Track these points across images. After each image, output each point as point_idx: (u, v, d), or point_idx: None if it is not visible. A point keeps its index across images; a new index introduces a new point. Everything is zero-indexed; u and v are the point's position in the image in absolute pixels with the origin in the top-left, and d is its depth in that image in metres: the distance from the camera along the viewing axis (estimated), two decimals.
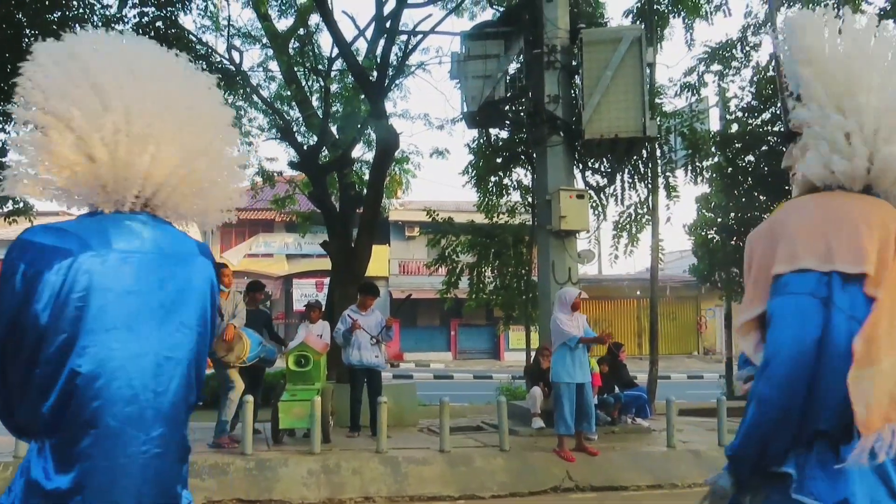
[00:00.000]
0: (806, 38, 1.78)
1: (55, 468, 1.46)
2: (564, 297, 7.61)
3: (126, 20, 10.04)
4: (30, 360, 1.45)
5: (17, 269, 1.45)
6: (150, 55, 1.69)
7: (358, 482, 6.46)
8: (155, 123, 1.60)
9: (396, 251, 29.23)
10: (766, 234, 1.79)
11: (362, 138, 11.64)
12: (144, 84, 1.62)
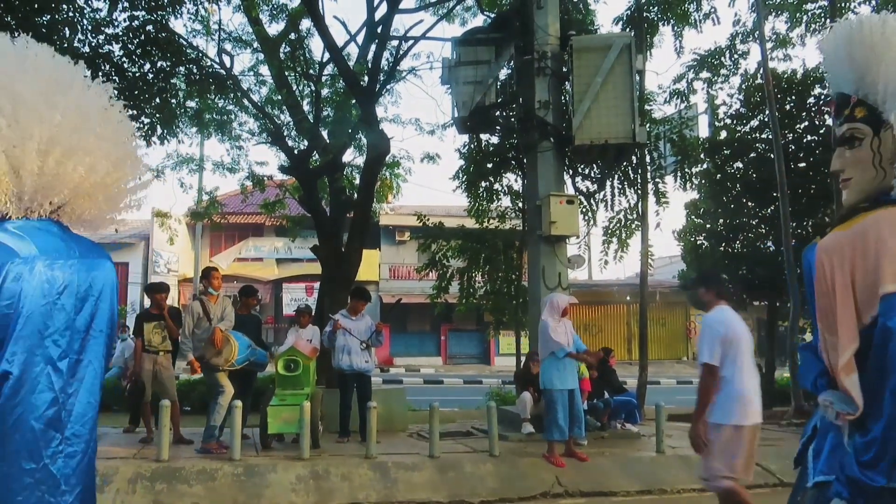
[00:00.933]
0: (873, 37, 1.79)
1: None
2: (556, 303, 7.60)
3: (116, 24, 10.00)
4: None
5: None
6: (58, 65, 1.73)
7: (347, 488, 6.44)
8: (76, 135, 1.65)
9: (387, 256, 29.22)
10: (858, 253, 1.78)
11: (353, 143, 11.64)
12: (62, 95, 1.67)
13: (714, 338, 4.51)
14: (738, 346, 4.50)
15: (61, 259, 1.61)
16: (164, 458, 6.55)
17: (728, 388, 4.44)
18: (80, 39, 9.73)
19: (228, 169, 12.71)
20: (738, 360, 4.49)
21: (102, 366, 1.68)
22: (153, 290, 8.36)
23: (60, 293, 1.59)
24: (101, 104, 1.76)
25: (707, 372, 4.48)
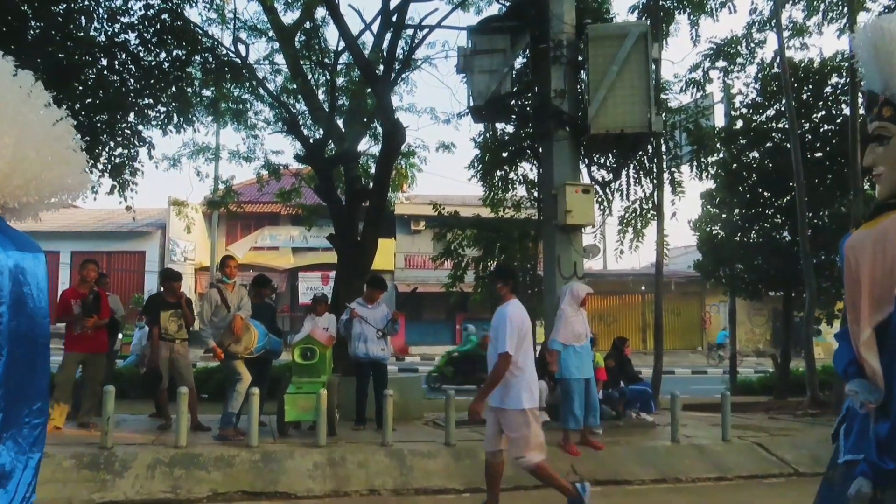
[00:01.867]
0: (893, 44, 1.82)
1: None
2: (576, 292, 7.59)
3: (131, 12, 10.05)
4: None
5: None
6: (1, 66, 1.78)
7: (363, 475, 6.49)
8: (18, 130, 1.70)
9: (402, 245, 29.27)
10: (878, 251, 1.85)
11: (368, 132, 11.65)
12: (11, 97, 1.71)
13: (514, 330, 5.01)
14: (527, 337, 5.14)
15: (23, 251, 1.71)
16: (182, 445, 6.63)
17: (523, 377, 5.05)
18: (96, 28, 9.81)
19: (244, 158, 12.76)
20: (528, 351, 5.15)
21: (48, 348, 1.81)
22: (169, 277, 8.42)
23: (28, 283, 1.71)
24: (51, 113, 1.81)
25: (504, 360, 4.98)
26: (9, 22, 8.56)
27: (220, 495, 6.02)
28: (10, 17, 8.57)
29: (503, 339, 5.02)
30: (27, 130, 1.75)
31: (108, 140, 10.21)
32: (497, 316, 5.28)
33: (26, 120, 1.76)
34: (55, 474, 5.96)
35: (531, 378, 5.18)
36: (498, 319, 5.24)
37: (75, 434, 7.29)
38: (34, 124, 1.78)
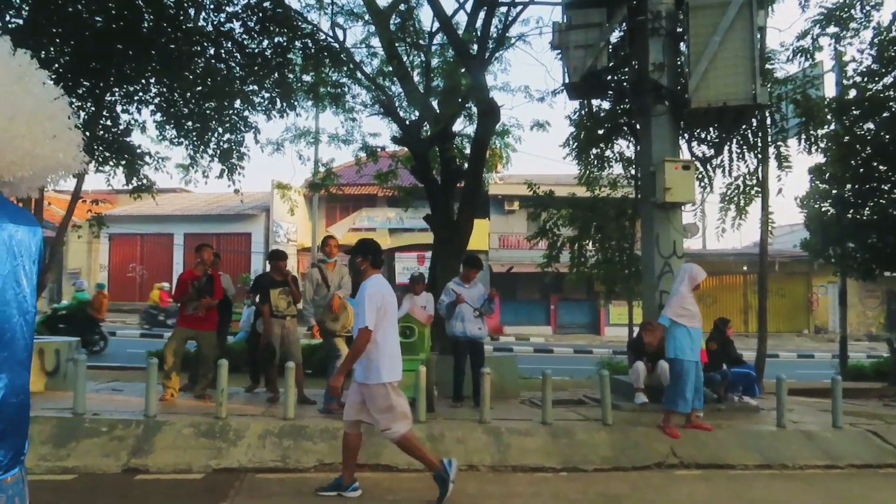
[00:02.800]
0: None
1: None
2: (695, 274, 7.38)
3: (235, 2, 10.45)
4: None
5: None
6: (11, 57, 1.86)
7: (462, 451, 6.61)
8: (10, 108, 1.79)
9: (496, 225, 29.30)
10: None
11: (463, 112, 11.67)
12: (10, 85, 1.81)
13: (373, 305, 5.08)
14: (388, 311, 5.21)
15: (17, 224, 1.83)
16: (290, 417, 6.95)
17: (383, 350, 5.13)
18: (204, 18, 10.27)
19: (343, 141, 13.07)
20: (388, 325, 5.22)
21: (35, 317, 1.94)
22: (277, 257, 8.79)
23: (22, 255, 1.83)
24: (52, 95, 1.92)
25: (363, 335, 5.04)
26: (125, 16, 9.10)
27: (326, 465, 6.29)
28: (125, 11, 9.11)
29: (362, 315, 5.08)
30: (19, 108, 1.82)
31: (217, 126, 10.74)
32: (359, 291, 5.33)
33: (18, 98, 1.83)
34: (176, 441, 6.42)
35: (391, 352, 5.24)
36: (358, 295, 5.29)
37: (192, 405, 7.79)
38: (26, 102, 1.85)
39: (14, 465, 1.85)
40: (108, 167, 10.77)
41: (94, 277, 30.51)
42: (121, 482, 5.65)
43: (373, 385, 5.17)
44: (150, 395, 6.82)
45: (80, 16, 8.96)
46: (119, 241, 29.75)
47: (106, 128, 10.50)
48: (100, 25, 9.15)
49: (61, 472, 5.84)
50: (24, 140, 1.82)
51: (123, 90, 10.31)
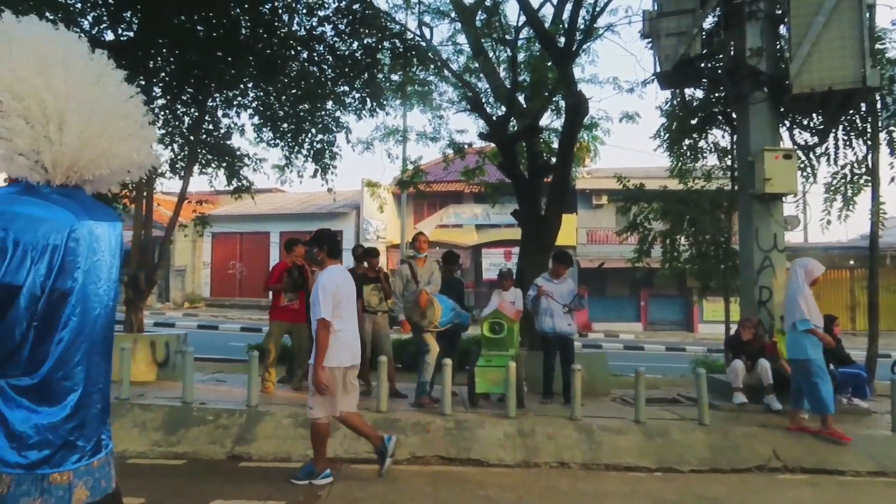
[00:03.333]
0: None
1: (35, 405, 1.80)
2: (811, 269, 7.03)
3: (327, 6, 10.76)
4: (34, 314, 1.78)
5: (8, 236, 1.73)
6: (74, 45, 1.93)
7: (553, 447, 6.57)
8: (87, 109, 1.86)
9: (584, 220, 28.87)
10: None
11: (550, 106, 11.56)
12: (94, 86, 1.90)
13: (328, 295, 5.21)
14: (344, 300, 5.34)
15: (98, 220, 1.92)
16: (382, 410, 7.12)
17: (337, 337, 5.27)
18: (298, 23, 10.63)
19: (431, 138, 13.21)
20: (345, 314, 5.35)
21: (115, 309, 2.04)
22: (369, 254, 8.99)
23: (102, 250, 1.92)
24: (127, 93, 2.00)
25: (322, 326, 5.21)
26: (224, 25, 9.54)
27: (419, 458, 6.40)
28: (224, 20, 9.54)
29: (318, 306, 5.22)
30: (96, 109, 1.89)
31: (310, 127, 11.10)
32: (315, 282, 5.48)
33: (95, 99, 1.90)
34: (276, 431, 6.69)
35: (345, 340, 5.39)
36: (315, 286, 5.43)
37: (290, 397, 8.09)
38: (103, 103, 1.92)
39: (99, 450, 1.94)
40: (210, 169, 11.33)
41: (198, 274, 32.14)
42: (226, 468, 5.94)
43: (326, 367, 5.30)
44: (252, 387, 7.13)
45: (184, 27, 9.46)
46: (220, 240, 31.18)
47: (208, 132, 11.05)
48: (202, 35, 9.63)
49: (173, 457, 6.21)
50: (100, 139, 1.90)
51: (224, 95, 10.82)
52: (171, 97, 10.50)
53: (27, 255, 1.72)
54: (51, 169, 1.84)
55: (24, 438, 1.75)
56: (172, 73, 9.91)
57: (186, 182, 10.51)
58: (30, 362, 1.76)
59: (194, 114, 10.70)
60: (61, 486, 1.81)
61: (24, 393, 1.76)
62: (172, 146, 11.05)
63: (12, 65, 1.78)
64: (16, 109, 1.79)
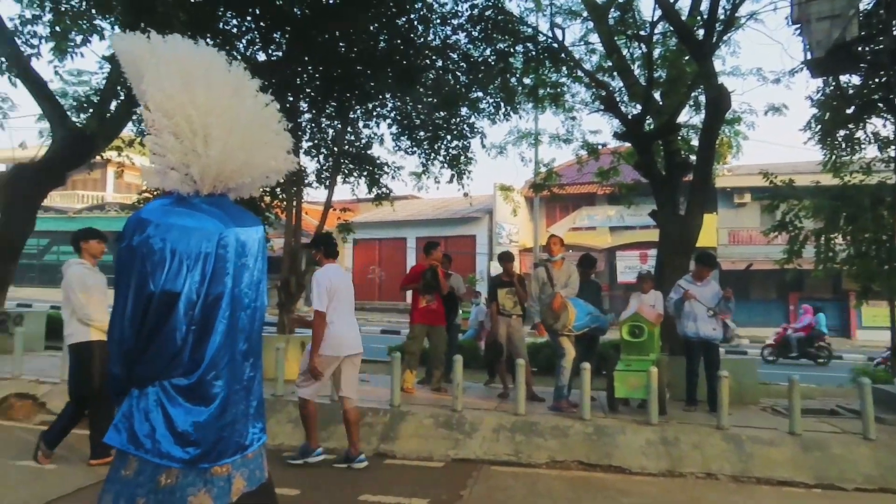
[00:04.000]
0: None
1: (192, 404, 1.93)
2: None
3: (460, 14, 10.97)
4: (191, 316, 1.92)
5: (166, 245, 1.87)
6: (213, 59, 2.04)
7: (699, 457, 6.32)
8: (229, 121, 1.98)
9: (725, 220, 27.47)
10: None
11: (689, 102, 11.11)
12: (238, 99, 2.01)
13: (321, 290, 5.74)
14: (338, 294, 5.77)
15: (242, 227, 2.03)
16: (520, 413, 7.15)
17: (330, 329, 5.71)
18: (433, 33, 10.92)
19: (564, 140, 13.11)
20: (338, 308, 5.77)
21: (265, 307, 2.17)
22: (504, 258, 9.08)
23: (247, 255, 2.03)
24: (263, 103, 2.09)
25: (317, 317, 5.72)
26: (364, 40, 9.98)
27: (558, 463, 6.38)
28: (364, 35, 9.98)
29: (314, 300, 5.77)
30: (236, 121, 1.99)
31: (446, 134, 11.37)
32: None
33: (235, 111, 2.00)
34: (418, 430, 6.91)
35: (338, 331, 5.77)
36: (310, 283, 6.08)
37: (430, 397, 8.32)
38: (242, 114, 2.01)
39: (252, 443, 2.10)
40: (352, 178, 11.89)
41: None
42: (373, 465, 6.20)
43: (325, 356, 5.76)
44: (395, 387, 7.41)
45: (327, 44, 10.00)
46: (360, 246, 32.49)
47: (350, 143, 11.60)
48: (343, 51, 10.13)
49: (324, 452, 6.56)
50: (241, 150, 2.02)
51: (364, 107, 11.31)
52: (317, 111, 11.12)
53: (183, 263, 1.87)
54: (199, 180, 1.98)
55: (185, 436, 1.89)
56: (317, 88, 10.49)
57: (331, 191, 11.09)
58: (189, 364, 1.91)
59: (337, 126, 11.27)
60: (222, 477, 1.95)
61: (182, 393, 1.91)
62: (318, 158, 11.69)
63: (161, 85, 1.93)
64: (166, 126, 1.94)
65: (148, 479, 1.86)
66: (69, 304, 5.65)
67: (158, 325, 1.87)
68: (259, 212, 11.60)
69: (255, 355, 2.10)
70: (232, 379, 1.99)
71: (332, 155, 11.38)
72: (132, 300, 1.87)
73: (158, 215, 1.92)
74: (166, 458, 1.87)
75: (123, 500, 1.86)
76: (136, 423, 1.89)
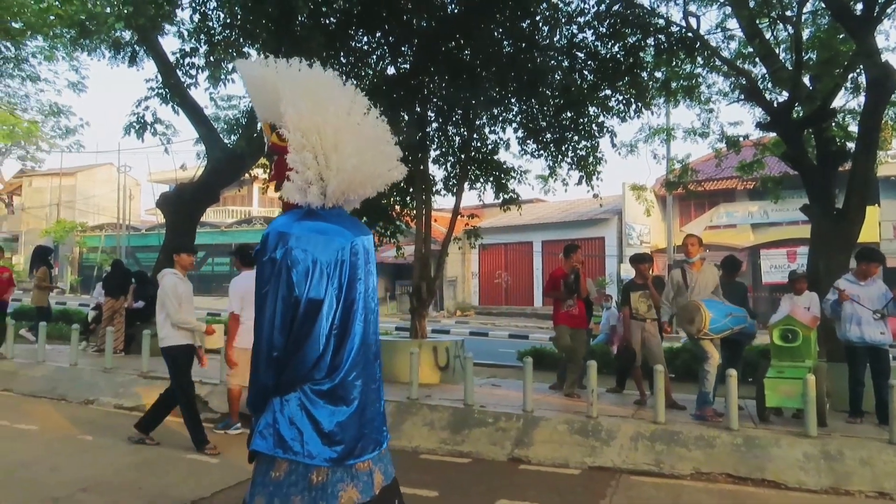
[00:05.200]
0: None
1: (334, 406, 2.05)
2: None
3: (587, 12, 10.69)
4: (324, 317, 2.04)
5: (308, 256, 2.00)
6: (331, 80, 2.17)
7: (868, 474, 5.70)
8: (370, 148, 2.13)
9: (889, 212, 24.97)
10: None
11: (846, 84, 10.16)
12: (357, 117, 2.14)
13: (235, 295, 6.77)
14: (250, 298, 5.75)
15: (364, 235, 2.15)
16: (660, 421, 6.78)
17: (245, 326, 6.56)
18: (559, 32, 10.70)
19: (700, 134, 12.45)
20: (248, 309, 6.35)
21: (378, 313, 2.27)
22: (637, 260, 8.72)
23: (371, 261, 2.13)
24: (373, 118, 2.18)
25: (232, 318, 6.79)
26: (487, 46, 9.96)
27: (704, 475, 5.99)
28: (488, 41, 9.96)
29: (229, 303, 6.87)
30: (360, 137, 2.10)
31: (573, 135, 11.10)
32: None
33: (360, 129, 2.10)
34: (552, 436, 6.74)
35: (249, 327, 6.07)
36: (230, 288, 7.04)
37: (563, 402, 8.12)
38: (366, 130, 2.12)
39: (383, 441, 2.20)
40: (479, 184, 11.91)
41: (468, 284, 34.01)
42: (508, 469, 6.12)
43: (237, 348, 6.59)
44: (528, 392, 7.28)
45: (451, 53, 10.08)
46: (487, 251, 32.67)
47: (476, 149, 11.62)
48: (468, 59, 10.17)
49: (458, 455, 6.57)
50: (368, 164, 2.14)
51: (490, 113, 11.30)
52: (443, 119, 11.24)
53: (324, 272, 1.99)
54: (331, 194, 2.10)
55: (331, 435, 2.01)
56: (444, 97, 10.60)
57: (459, 198, 11.15)
58: (330, 367, 2.02)
59: (464, 133, 11.32)
60: (365, 472, 2.07)
61: (324, 395, 2.03)
62: (446, 165, 11.80)
63: (297, 106, 2.05)
64: (304, 145, 2.07)
65: (300, 479, 2.00)
66: (163, 310, 6.38)
67: (305, 331, 1.99)
68: (390, 220, 11.89)
69: (380, 356, 2.23)
70: (369, 379, 2.11)
71: (459, 162, 11.46)
72: (280, 309, 1.99)
73: (297, 228, 2.04)
74: (317, 458, 2.00)
75: (278, 500, 2.00)
76: (283, 429, 2.02)
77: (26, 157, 27.28)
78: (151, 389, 8.39)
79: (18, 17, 15.08)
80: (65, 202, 47.22)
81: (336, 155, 2.06)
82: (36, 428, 7.15)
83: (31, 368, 9.69)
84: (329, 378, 2.01)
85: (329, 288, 1.99)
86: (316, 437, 1.99)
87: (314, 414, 2.00)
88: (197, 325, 6.55)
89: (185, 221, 12.11)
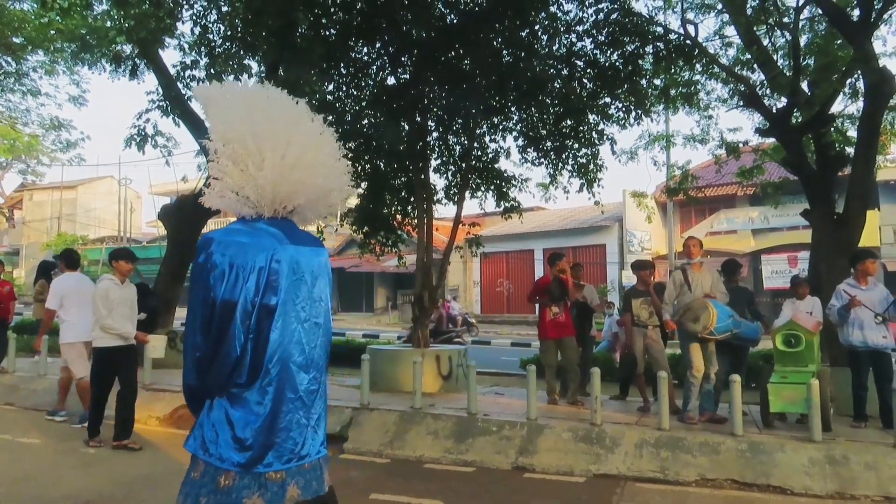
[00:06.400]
0: None
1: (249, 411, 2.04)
2: None
3: (585, 20, 10.72)
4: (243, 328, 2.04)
5: (225, 259, 2.02)
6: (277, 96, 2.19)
7: (874, 478, 5.69)
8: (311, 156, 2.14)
9: (889, 216, 24.99)
10: None
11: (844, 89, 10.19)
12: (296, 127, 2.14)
13: (56, 294, 7.58)
14: (70, 297, 7.50)
15: (300, 246, 2.14)
16: (664, 428, 6.76)
17: (66, 323, 7.47)
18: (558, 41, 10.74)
19: (699, 140, 12.48)
20: (73, 307, 7.44)
21: (330, 328, 2.27)
22: (639, 267, 8.73)
23: (302, 271, 2.12)
24: (318, 131, 2.20)
25: (48, 313, 7.70)
26: (487, 56, 10.00)
27: (709, 481, 5.97)
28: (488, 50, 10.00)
29: (48, 300, 7.72)
30: (289, 145, 2.12)
31: (573, 143, 11.12)
32: None
33: (288, 137, 2.13)
34: (557, 444, 6.72)
35: (73, 323, 7.44)
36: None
37: (567, 410, 8.09)
38: (295, 139, 2.14)
39: (309, 455, 2.18)
40: (479, 193, 11.92)
41: (469, 293, 33.97)
42: (512, 478, 6.10)
43: (62, 343, 7.50)
44: (531, 400, 7.26)
45: (451, 62, 10.12)
46: (488, 259, 32.67)
47: (477, 157, 11.64)
48: (468, 68, 10.21)
49: (462, 464, 6.56)
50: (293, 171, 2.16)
51: (489, 122, 11.33)
52: (444, 129, 11.27)
53: (239, 275, 2.03)
54: (256, 202, 2.14)
55: (242, 441, 2.04)
56: (443, 106, 10.64)
57: (460, 207, 11.16)
58: (250, 371, 2.05)
59: (464, 142, 11.35)
60: (276, 483, 2.06)
61: (242, 400, 2.07)
62: (446, 174, 11.82)
63: (225, 116, 2.14)
64: (224, 153, 2.13)
65: (210, 481, 2.04)
66: (94, 313, 6.73)
67: (221, 332, 2.04)
68: (391, 230, 11.90)
69: (316, 370, 2.20)
70: (286, 387, 2.10)
71: (459, 171, 11.48)
72: (199, 310, 2.07)
73: (222, 234, 2.12)
74: (226, 462, 2.03)
75: (191, 500, 2.06)
76: (206, 431, 2.08)
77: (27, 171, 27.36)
78: (153, 402, 8.38)
79: (19, 33, 15.15)
80: (66, 215, 47.33)
81: (255, 162, 2.11)
82: (38, 441, 7.15)
83: (33, 382, 9.68)
84: (248, 384, 2.05)
85: (244, 291, 2.03)
86: (230, 441, 2.03)
87: (232, 418, 2.04)
88: (125, 332, 6.76)
89: (187, 233, 12.13)
